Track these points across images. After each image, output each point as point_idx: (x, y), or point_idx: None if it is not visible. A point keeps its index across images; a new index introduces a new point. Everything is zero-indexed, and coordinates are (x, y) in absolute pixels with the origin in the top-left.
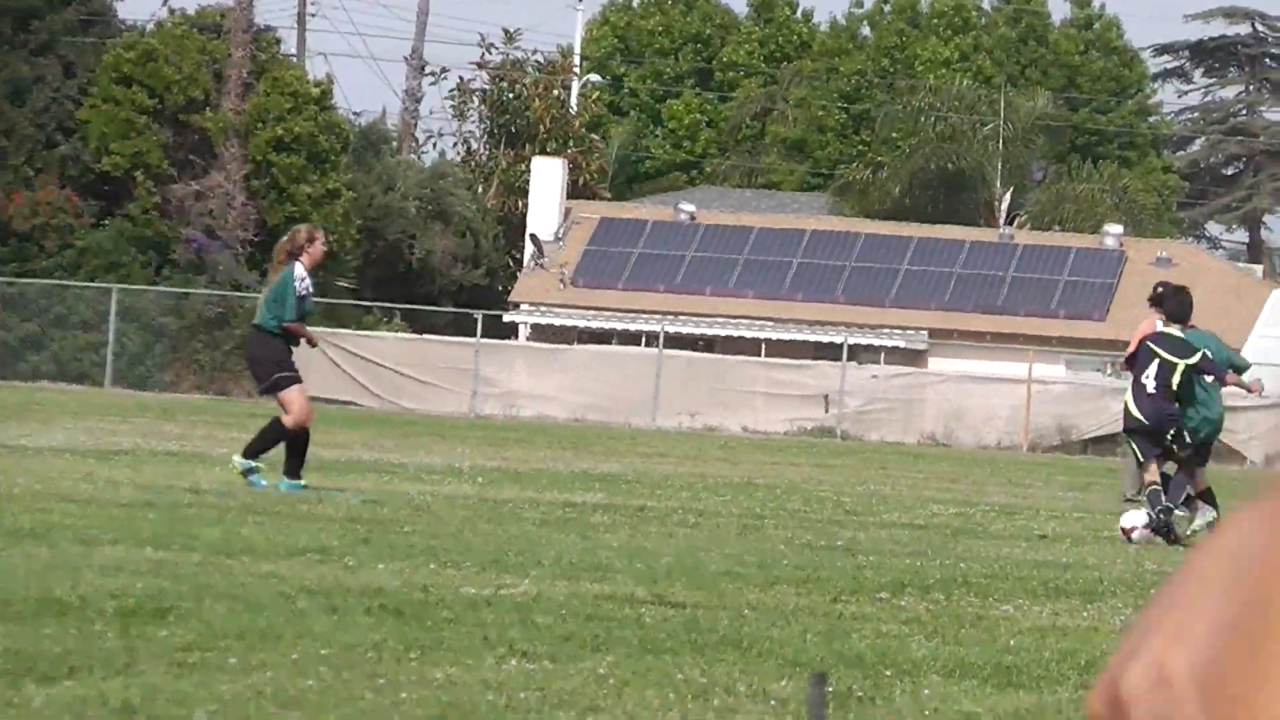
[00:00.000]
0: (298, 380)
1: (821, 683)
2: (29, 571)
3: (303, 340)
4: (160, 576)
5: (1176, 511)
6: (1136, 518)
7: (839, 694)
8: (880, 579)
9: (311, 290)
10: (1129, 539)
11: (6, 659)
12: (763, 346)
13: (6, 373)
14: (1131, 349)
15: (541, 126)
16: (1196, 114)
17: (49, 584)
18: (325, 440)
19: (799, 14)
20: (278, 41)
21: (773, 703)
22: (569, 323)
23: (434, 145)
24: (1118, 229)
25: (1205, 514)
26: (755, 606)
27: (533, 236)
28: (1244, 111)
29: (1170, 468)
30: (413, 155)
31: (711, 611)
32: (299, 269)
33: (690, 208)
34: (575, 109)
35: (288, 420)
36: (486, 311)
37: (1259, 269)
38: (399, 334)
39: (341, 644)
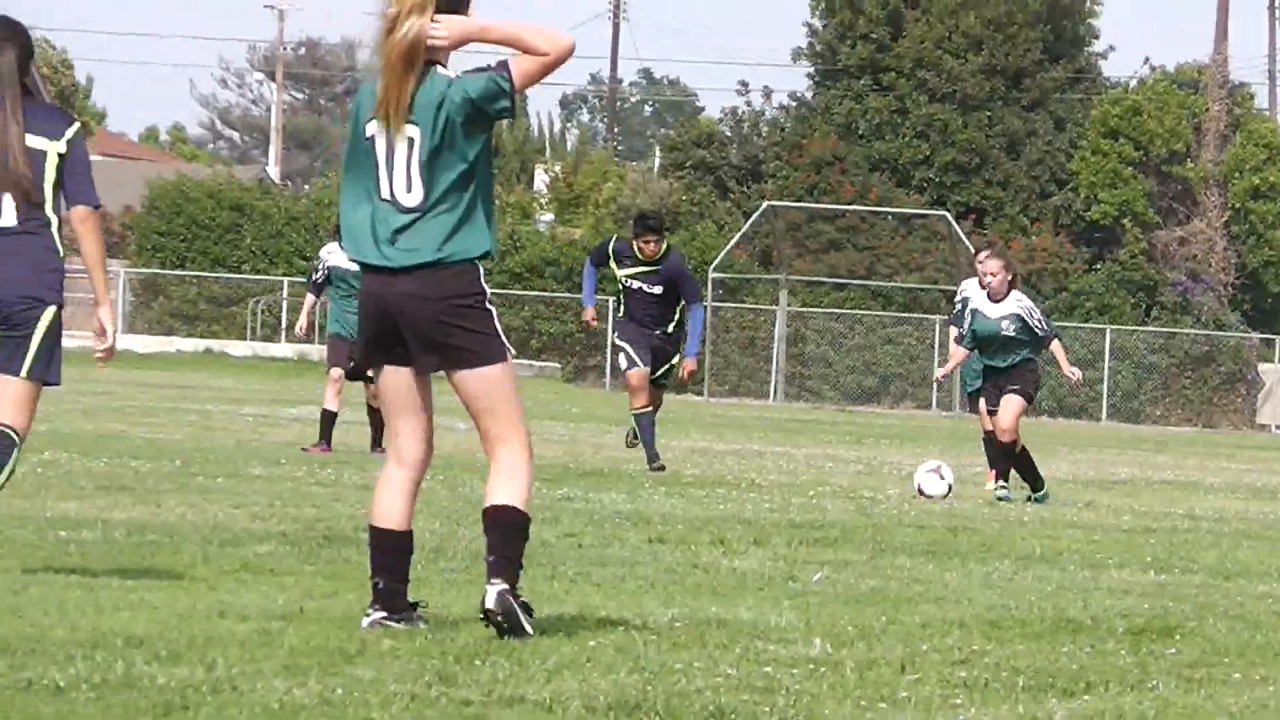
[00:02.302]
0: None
1: None
2: (1040, 593)
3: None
4: (1164, 597)
5: None
6: None
7: None
8: None
9: (973, 307)
10: None
11: (1029, 675)
12: None
13: None
14: None
15: None
16: None
17: (1061, 605)
18: None
19: None
20: (1251, 97)
21: None
22: None
23: None
24: None
25: None
26: None
27: None
28: None
29: None
30: None
31: None
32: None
33: None
34: None
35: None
36: None
37: None
38: None
39: None
